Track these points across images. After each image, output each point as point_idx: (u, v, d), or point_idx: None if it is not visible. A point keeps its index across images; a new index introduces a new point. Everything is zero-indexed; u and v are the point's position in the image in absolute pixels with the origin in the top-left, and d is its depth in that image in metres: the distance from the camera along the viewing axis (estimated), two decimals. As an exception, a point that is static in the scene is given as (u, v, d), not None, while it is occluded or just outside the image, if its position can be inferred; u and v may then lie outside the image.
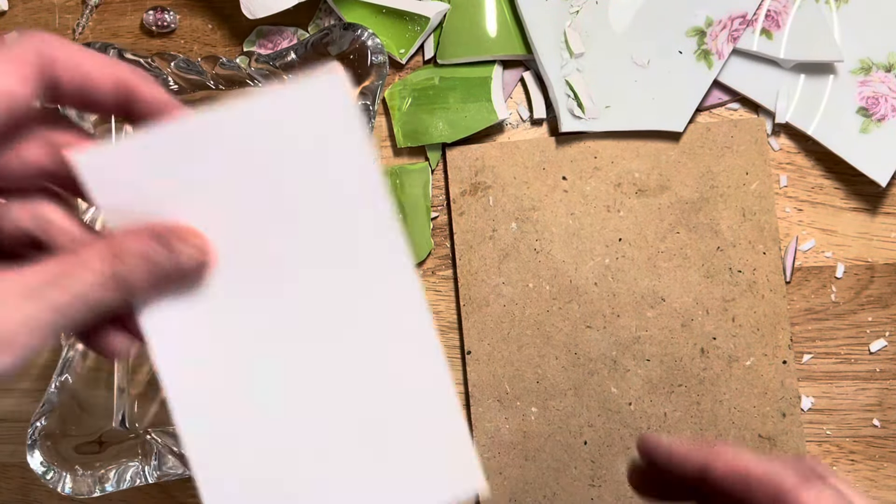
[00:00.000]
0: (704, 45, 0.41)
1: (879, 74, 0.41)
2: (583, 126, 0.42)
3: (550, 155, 0.43)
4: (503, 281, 0.42)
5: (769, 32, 0.41)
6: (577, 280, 0.42)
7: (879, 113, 0.41)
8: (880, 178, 0.40)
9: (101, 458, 0.40)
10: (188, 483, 0.45)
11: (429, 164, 0.44)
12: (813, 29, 0.41)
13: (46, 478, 0.39)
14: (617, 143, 0.42)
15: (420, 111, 0.43)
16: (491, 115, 0.42)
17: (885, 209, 0.42)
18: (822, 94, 0.42)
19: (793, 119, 0.42)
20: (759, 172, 0.41)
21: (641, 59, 0.42)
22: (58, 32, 0.46)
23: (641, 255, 0.42)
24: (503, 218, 0.43)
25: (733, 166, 0.42)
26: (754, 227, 0.41)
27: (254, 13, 0.42)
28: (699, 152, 0.42)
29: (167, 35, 0.46)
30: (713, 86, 0.42)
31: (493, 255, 0.43)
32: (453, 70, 0.44)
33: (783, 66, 0.41)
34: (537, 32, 0.42)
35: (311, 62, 0.42)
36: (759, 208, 0.41)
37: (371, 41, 0.41)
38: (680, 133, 0.42)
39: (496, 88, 0.43)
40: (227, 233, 0.26)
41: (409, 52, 0.43)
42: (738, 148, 0.42)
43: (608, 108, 0.42)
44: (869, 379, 0.42)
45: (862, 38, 0.41)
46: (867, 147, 0.41)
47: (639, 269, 0.42)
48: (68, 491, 0.39)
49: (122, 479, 0.39)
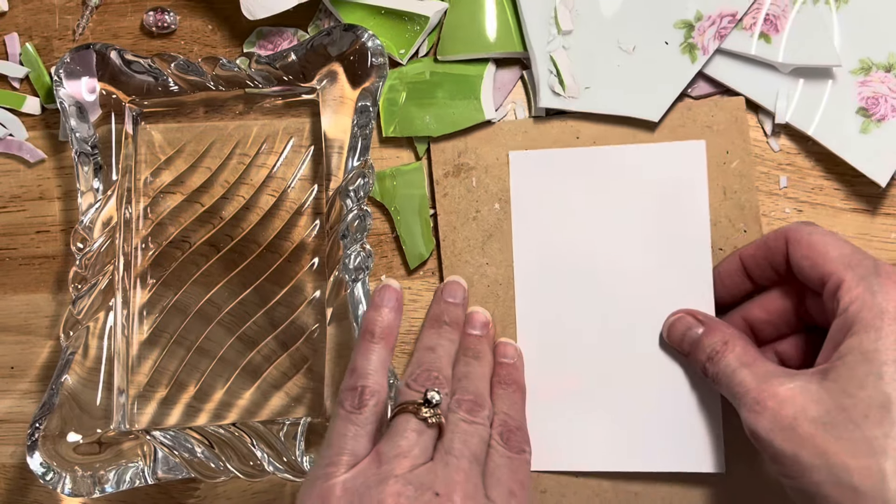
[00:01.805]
0: (691, 39, 0.41)
1: (879, 75, 0.41)
2: (561, 104, 0.42)
3: (533, 135, 0.43)
4: (487, 262, 0.43)
5: (767, 36, 0.41)
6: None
7: (879, 113, 0.41)
8: (880, 179, 0.40)
9: (101, 459, 0.40)
10: (188, 483, 0.45)
11: (421, 161, 0.44)
12: (811, 33, 0.41)
13: (46, 478, 0.39)
14: (599, 123, 0.43)
15: (409, 103, 0.43)
16: (478, 114, 0.42)
17: (885, 210, 0.42)
18: (822, 94, 0.42)
19: (793, 119, 0.42)
20: (740, 151, 0.42)
21: (627, 45, 0.42)
22: (58, 33, 0.46)
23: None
24: (486, 199, 0.43)
25: (714, 145, 0.42)
26: (735, 205, 0.42)
27: (254, 14, 0.42)
28: (680, 131, 0.42)
29: (167, 36, 0.46)
30: (709, 83, 0.42)
31: (477, 235, 0.43)
32: (447, 66, 0.43)
33: (782, 70, 0.41)
34: (528, 4, 0.42)
35: (311, 63, 0.42)
36: (739, 187, 0.42)
37: (371, 42, 0.41)
38: (655, 123, 0.42)
39: (486, 87, 0.43)
40: (592, 236, 0.42)
41: (409, 52, 0.43)
42: (718, 127, 0.42)
43: (588, 90, 0.42)
44: (869, 380, 0.42)
45: (862, 38, 0.41)
46: (867, 147, 0.41)
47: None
48: (68, 491, 0.39)
49: (121, 480, 0.40)
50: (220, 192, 0.44)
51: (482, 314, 0.42)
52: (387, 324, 0.37)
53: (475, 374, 0.39)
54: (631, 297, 0.41)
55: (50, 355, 0.46)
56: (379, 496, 0.32)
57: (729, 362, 0.35)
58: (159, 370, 0.43)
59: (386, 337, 0.37)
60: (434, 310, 0.41)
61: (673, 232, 0.41)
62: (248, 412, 0.43)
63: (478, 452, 0.35)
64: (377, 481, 0.32)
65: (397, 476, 0.32)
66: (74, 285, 0.41)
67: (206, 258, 0.44)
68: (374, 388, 0.35)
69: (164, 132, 0.45)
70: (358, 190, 0.41)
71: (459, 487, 0.33)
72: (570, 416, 0.41)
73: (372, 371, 0.36)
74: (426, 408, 0.35)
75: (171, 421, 0.43)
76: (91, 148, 0.42)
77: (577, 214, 0.42)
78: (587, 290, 0.41)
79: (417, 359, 0.39)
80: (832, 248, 0.35)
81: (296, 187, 0.44)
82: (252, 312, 0.43)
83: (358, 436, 0.34)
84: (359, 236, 0.41)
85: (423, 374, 0.37)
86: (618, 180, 0.42)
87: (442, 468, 0.33)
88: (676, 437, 0.40)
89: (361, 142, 0.41)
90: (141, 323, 0.44)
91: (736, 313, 0.40)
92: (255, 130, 0.45)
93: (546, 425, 0.41)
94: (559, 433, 0.41)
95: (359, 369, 0.36)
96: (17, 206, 0.46)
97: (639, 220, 0.41)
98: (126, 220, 0.43)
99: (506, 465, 0.36)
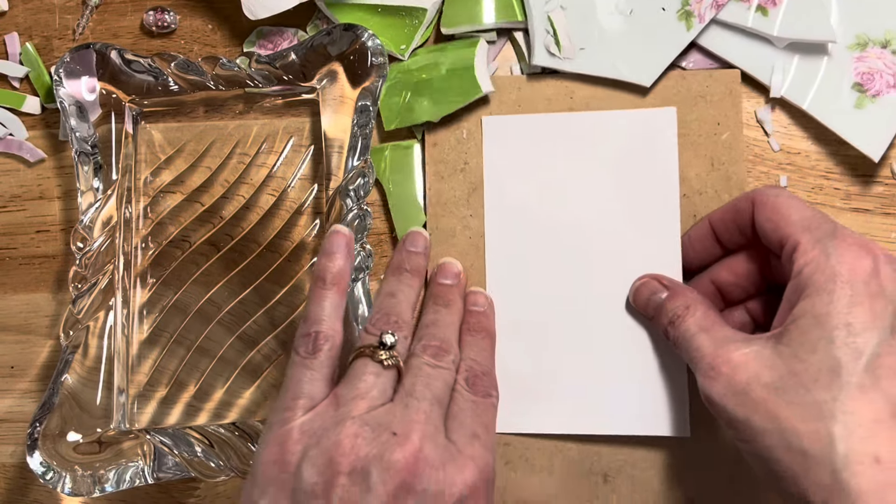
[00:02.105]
0: (688, 6, 0.41)
1: (875, 50, 0.41)
2: (555, 63, 0.42)
3: (527, 93, 0.43)
4: (471, 213, 0.43)
5: (765, 9, 0.41)
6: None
7: (874, 89, 0.41)
8: (873, 154, 0.41)
9: (101, 459, 0.40)
10: (188, 483, 0.45)
11: (417, 138, 0.44)
12: (808, 8, 0.41)
13: (46, 478, 0.39)
14: (593, 85, 0.43)
15: (410, 96, 0.43)
16: (475, 89, 0.42)
17: (885, 210, 0.42)
18: (818, 69, 0.42)
19: (788, 94, 0.42)
20: (731, 124, 0.42)
21: (625, 8, 0.42)
22: (58, 33, 0.46)
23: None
24: (475, 152, 0.43)
25: (706, 116, 0.42)
26: (721, 176, 0.42)
27: (255, 14, 0.42)
28: (673, 100, 0.42)
29: (167, 35, 0.46)
30: (705, 56, 0.43)
31: (464, 187, 0.43)
32: (438, 49, 0.43)
33: (777, 44, 0.41)
34: None
35: (311, 63, 0.42)
36: (727, 158, 0.42)
37: (371, 42, 0.41)
38: (647, 88, 0.42)
39: (480, 62, 0.42)
40: (562, 196, 0.42)
41: (410, 47, 0.43)
42: (711, 98, 0.42)
43: (582, 51, 0.42)
44: (869, 379, 0.42)
45: (859, 14, 0.41)
46: (861, 122, 0.41)
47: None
48: (68, 491, 0.39)
49: (121, 480, 0.40)
50: (220, 191, 0.44)
51: (454, 264, 0.42)
52: (338, 270, 0.37)
53: (443, 322, 0.39)
54: (599, 261, 0.41)
55: (50, 355, 0.46)
56: (336, 437, 0.32)
57: (688, 326, 0.36)
58: (159, 369, 0.43)
59: (338, 283, 0.37)
60: (396, 258, 0.42)
61: (642, 197, 0.41)
62: (248, 412, 0.43)
63: (440, 395, 0.35)
64: (334, 423, 0.33)
65: (354, 417, 0.33)
66: (74, 285, 0.41)
67: (206, 258, 0.44)
68: (327, 334, 0.36)
69: (164, 132, 0.45)
70: (358, 189, 0.41)
71: (419, 427, 0.33)
72: (535, 378, 0.41)
73: (325, 317, 0.36)
74: (382, 350, 0.35)
75: (171, 420, 0.43)
76: (91, 147, 0.42)
77: (549, 179, 0.42)
78: (556, 254, 0.42)
79: (377, 304, 0.39)
80: (794, 212, 0.35)
81: (296, 187, 0.44)
82: (252, 312, 0.43)
83: (314, 380, 0.35)
84: (359, 236, 0.41)
85: (381, 318, 0.38)
86: (590, 146, 0.42)
87: (401, 409, 0.33)
88: (642, 401, 0.41)
89: (361, 141, 0.41)
90: (141, 322, 0.44)
91: (704, 276, 0.40)
92: (255, 130, 0.45)
93: (511, 387, 0.41)
94: (525, 395, 0.41)
95: (312, 316, 0.36)
96: (17, 205, 0.46)
97: (609, 185, 0.42)
98: (126, 219, 0.43)
99: (470, 408, 0.36)
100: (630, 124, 0.42)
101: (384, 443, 0.32)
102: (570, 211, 0.42)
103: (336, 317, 0.36)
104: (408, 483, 0.31)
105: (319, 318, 0.36)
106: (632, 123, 0.42)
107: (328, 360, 0.35)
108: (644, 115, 0.42)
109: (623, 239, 0.41)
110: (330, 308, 0.36)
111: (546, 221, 0.42)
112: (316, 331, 0.36)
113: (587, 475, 0.42)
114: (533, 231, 0.42)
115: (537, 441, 0.42)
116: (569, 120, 0.42)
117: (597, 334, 0.41)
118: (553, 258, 0.42)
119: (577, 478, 0.42)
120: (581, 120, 0.42)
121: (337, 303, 0.37)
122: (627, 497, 0.41)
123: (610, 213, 0.42)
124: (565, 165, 0.42)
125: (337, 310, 0.37)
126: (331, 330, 0.36)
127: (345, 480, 0.31)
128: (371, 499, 0.31)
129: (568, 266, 0.42)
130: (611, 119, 0.42)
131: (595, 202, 0.42)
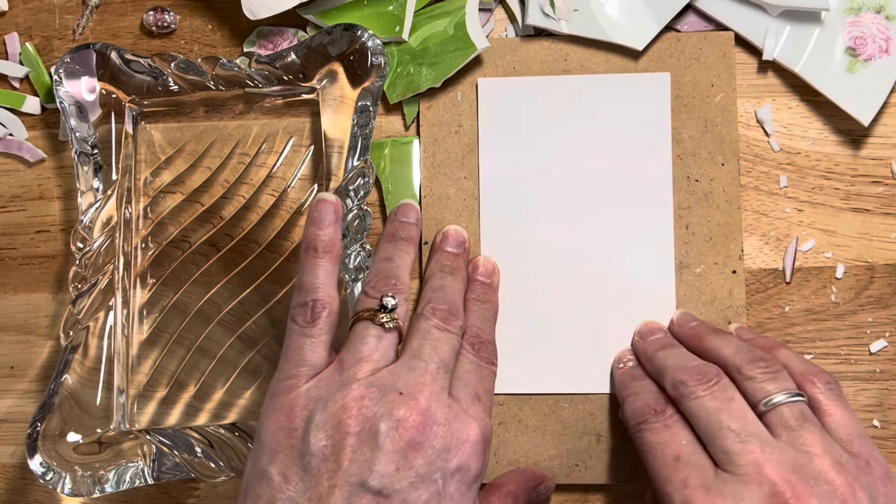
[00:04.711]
0: None
1: (869, 16, 0.42)
2: (548, 24, 0.42)
3: (521, 55, 0.43)
4: (465, 175, 0.43)
5: None
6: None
7: (866, 53, 0.41)
8: (863, 118, 0.41)
9: (101, 459, 0.40)
10: (188, 483, 0.45)
11: (405, 122, 0.44)
12: None
13: (46, 478, 0.39)
14: (587, 48, 0.43)
15: (410, 65, 0.43)
16: (469, 48, 0.42)
17: (885, 210, 0.42)
18: (811, 32, 0.42)
19: (780, 57, 0.42)
20: (725, 86, 0.42)
21: None
22: (58, 33, 0.46)
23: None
24: (469, 113, 0.43)
25: (699, 78, 0.42)
26: (715, 138, 0.42)
27: (255, 14, 0.42)
28: (668, 62, 0.42)
29: (167, 35, 0.46)
30: (700, 18, 0.43)
31: (458, 149, 0.43)
32: (430, 13, 0.43)
33: (771, 12, 0.41)
34: None
35: (311, 63, 0.42)
36: (721, 120, 0.42)
37: (371, 42, 0.41)
38: (639, 52, 0.42)
39: (472, 18, 0.42)
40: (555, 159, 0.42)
41: (405, 26, 0.43)
42: (705, 60, 0.42)
43: (576, 12, 0.42)
44: (869, 379, 0.42)
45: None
46: (852, 86, 0.41)
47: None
48: (68, 491, 0.39)
49: (121, 480, 0.40)
50: (220, 191, 0.44)
51: (461, 232, 0.42)
52: (328, 237, 0.37)
53: (450, 288, 0.39)
54: (593, 222, 0.42)
55: (50, 355, 0.46)
56: (343, 400, 0.32)
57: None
58: (159, 370, 0.43)
59: (330, 250, 0.37)
60: (389, 228, 0.42)
61: (636, 159, 0.42)
62: (249, 412, 0.43)
63: (447, 359, 0.35)
64: (340, 386, 0.33)
65: (359, 380, 0.33)
66: (74, 285, 0.41)
67: (206, 258, 0.44)
68: (324, 301, 0.36)
69: (164, 132, 0.45)
70: (358, 189, 0.41)
71: (426, 388, 0.33)
72: (529, 338, 0.42)
73: (320, 284, 0.36)
74: (383, 313, 0.35)
75: (171, 421, 0.43)
76: (91, 147, 0.42)
77: (543, 141, 0.43)
78: (550, 215, 0.42)
79: (375, 268, 0.39)
80: None
81: (296, 187, 0.44)
82: (252, 312, 0.43)
83: (315, 346, 0.35)
84: (359, 236, 0.41)
85: (380, 280, 0.37)
86: (584, 108, 0.42)
87: (407, 371, 0.34)
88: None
89: (361, 141, 0.41)
90: (141, 323, 0.44)
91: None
92: (255, 130, 0.45)
93: (506, 346, 0.41)
94: (518, 355, 0.42)
95: (306, 284, 0.36)
96: (17, 205, 0.46)
97: (603, 147, 0.42)
98: (126, 219, 0.43)
99: (474, 371, 0.37)
100: (624, 88, 0.42)
101: (391, 402, 0.32)
102: (565, 173, 0.42)
103: (331, 284, 0.36)
104: (416, 441, 0.32)
105: (314, 285, 0.36)
106: (626, 87, 0.42)
107: (327, 327, 0.35)
108: (638, 79, 0.42)
109: (617, 200, 0.42)
110: (324, 275, 0.36)
111: (540, 183, 0.42)
112: (313, 299, 0.36)
113: (581, 435, 0.42)
114: (527, 193, 0.42)
115: (531, 401, 0.42)
116: (563, 83, 0.43)
117: (591, 295, 0.42)
118: (547, 219, 0.42)
119: (571, 438, 0.42)
120: (575, 83, 0.43)
121: (330, 270, 0.37)
122: (621, 456, 0.42)
123: (604, 175, 0.42)
124: (560, 128, 0.42)
125: (331, 277, 0.37)
126: (327, 297, 0.36)
127: (354, 441, 0.32)
128: (381, 456, 0.31)
129: (562, 227, 0.42)
130: (605, 82, 0.42)
131: (589, 164, 0.42)
